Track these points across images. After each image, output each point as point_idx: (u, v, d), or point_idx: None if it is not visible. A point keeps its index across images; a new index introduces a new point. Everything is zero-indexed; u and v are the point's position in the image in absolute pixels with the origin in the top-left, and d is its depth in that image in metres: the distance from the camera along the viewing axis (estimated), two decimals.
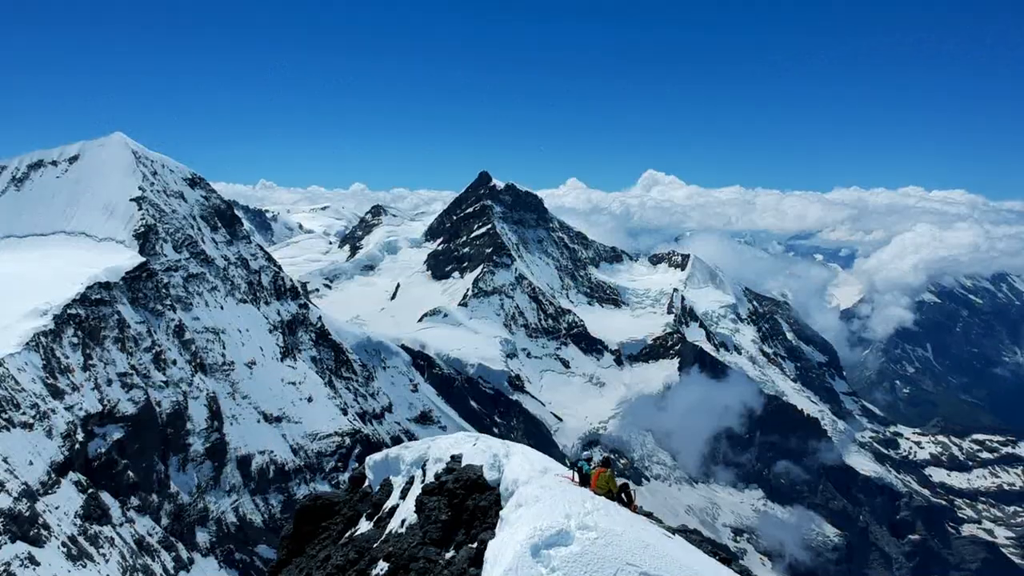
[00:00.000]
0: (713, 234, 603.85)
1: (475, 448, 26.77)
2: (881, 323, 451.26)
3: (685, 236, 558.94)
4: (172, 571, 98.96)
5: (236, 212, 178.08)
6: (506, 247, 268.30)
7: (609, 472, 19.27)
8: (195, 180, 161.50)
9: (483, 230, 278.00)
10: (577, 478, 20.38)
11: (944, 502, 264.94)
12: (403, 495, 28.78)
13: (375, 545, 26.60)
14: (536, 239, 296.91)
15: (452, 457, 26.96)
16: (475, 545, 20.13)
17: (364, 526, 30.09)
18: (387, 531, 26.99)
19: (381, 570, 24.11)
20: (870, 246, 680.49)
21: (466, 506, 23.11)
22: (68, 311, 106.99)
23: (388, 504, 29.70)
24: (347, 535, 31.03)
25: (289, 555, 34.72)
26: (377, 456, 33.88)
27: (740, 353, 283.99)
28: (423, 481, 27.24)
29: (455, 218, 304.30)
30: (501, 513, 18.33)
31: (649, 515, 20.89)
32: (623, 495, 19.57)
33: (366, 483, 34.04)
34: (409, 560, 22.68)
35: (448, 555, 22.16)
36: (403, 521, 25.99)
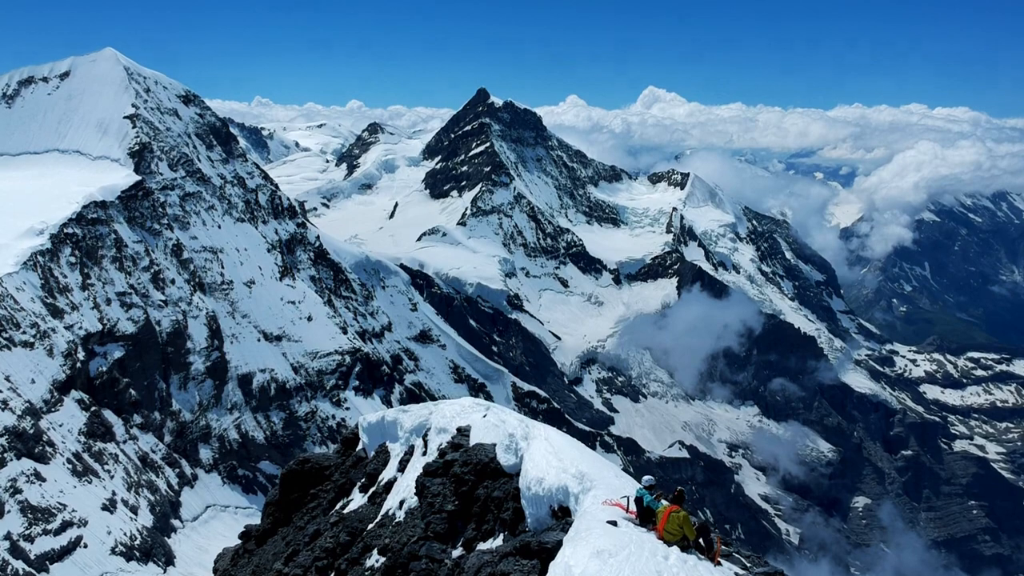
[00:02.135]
0: (714, 152, 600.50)
1: (485, 421, 23.54)
2: (880, 242, 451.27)
3: (685, 154, 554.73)
4: (176, 487, 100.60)
5: (231, 130, 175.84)
6: (504, 166, 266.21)
7: (684, 513, 14.52)
8: (189, 97, 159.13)
9: (481, 148, 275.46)
10: (634, 508, 15.58)
11: (937, 419, 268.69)
12: (401, 467, 26.30)
13: (369, 527, 24.37)
14: (535, 158, 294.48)
15: (458, 430, 23.96)
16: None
17: (357, 499, 27.81)
18: (383, 511, 24.61)
19: (376, 562, 21.86)
20: (871, 164, 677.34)
21: (476, 495, 20.17)
22: (65, 230, 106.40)
23: (384, 476, 27.20)
24: (338, 506, 28.89)
25: (275, 524, 32.50)
26: (372, 418, 31.21)
27: (739, 272, 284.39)
28: (424, 453, 24.94)
29: (453, 136, 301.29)
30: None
31: (728, 555, 16.31)
32: (700, 540, 14.92)
33: (359, 446, 31.54)
34: (409, 558, 20.00)
35: (455, 554, 19.48)
36: (402, 502, 23.54)
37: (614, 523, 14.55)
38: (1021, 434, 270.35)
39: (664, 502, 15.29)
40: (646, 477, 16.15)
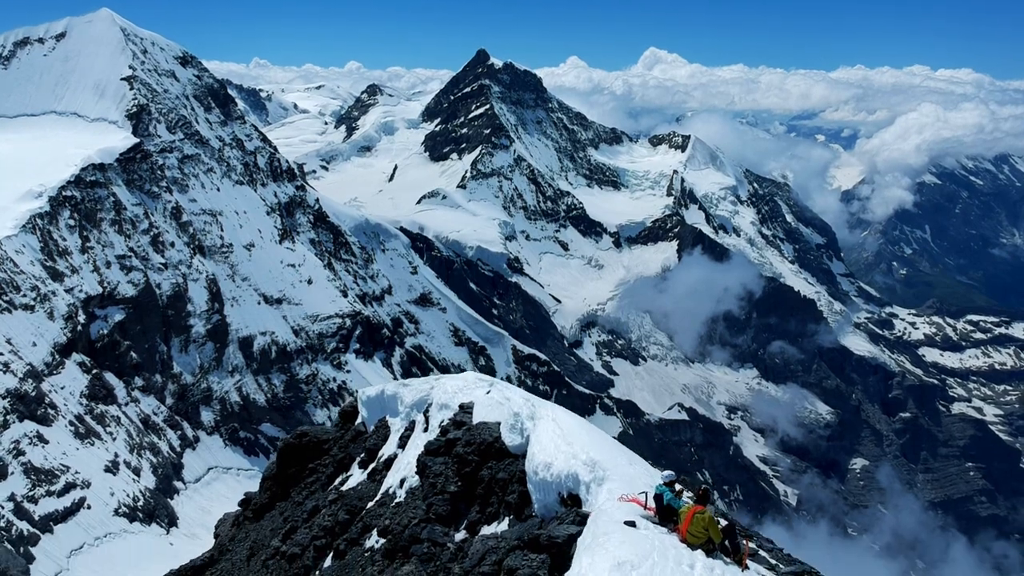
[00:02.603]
0: (715, 114, 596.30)
1: (489, 398, 22.60)
2: (881, 204, 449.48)
3: (686, 116, 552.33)
4: (178, 449, 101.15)
5: (230, 92, 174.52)
6: (504, 128, 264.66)
7: (709, 514, 13.45)
8: (187, 59, 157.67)
9: (481, 111, 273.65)
10: (653, 504, 14.52)
11: (936, 381, 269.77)
12: (402, 443, 25.59)
13: (369, 506, 23.76)
14: (535, 120, 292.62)
15: (461, 406, 23.09)
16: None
17: (356, 475, 27.19)
18: (383, 489, 23.95)
19: (376, 543, 21.32)
20: (873, 126, 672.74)
21: (480, 476, 19.44)
22: (63, 193, 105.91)
23: (384, 452, 26.52)
24: (337, 482, 28.36)
25: (272, 498, 31.99)
26: (371, 391, 30.40)
27: (739, 235, 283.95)
28: (425, 429, 24.21)
29: (452, 98, 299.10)
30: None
31: (755, 553, 15.30)
32: (726, 543, 13.83)
33: (359, 419, 30.88)
34: (410, 540, 19.44)
35: (458, 537, 18.82)
36: (402, 481, 22.91)
37: (632, 524, 13.61)
38: (1019, 396, 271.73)
39: (687, 500, 14.43)
40: (665, 472, 15.06)
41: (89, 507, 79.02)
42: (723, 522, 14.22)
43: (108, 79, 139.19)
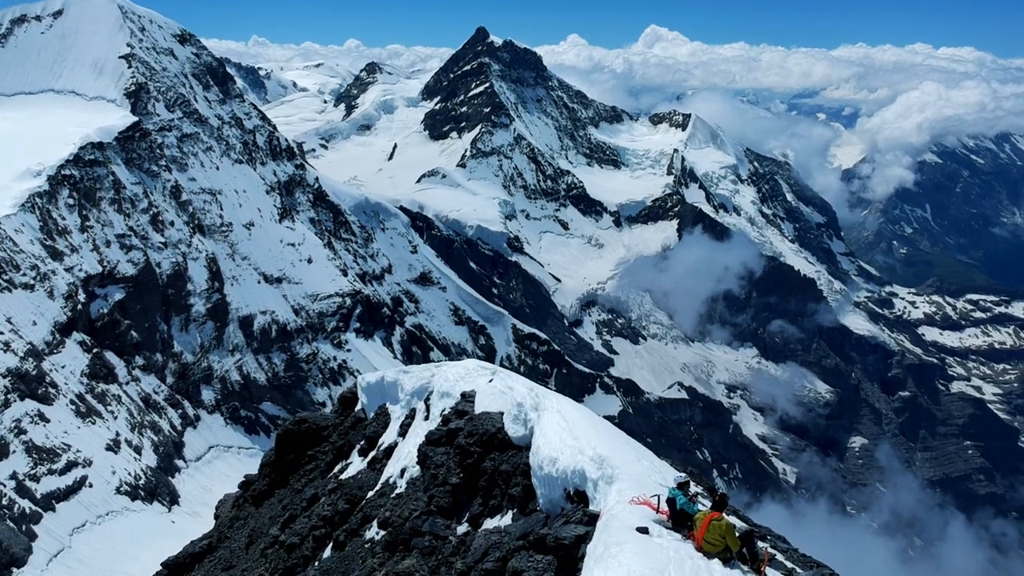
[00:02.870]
0: (716, 93, 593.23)
1: (491, 387, 22.16)
2: (881, 183, 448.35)
3: (687, 95, 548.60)
4: (179, 427, 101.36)
5: (228, 70, 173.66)
6: (504, 106, 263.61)
7: (726, 521, 12.76)
8: (185, 36, 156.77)
9: (481, 89, 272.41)
10: (666, 508, 13.74)
11: (935, 360, 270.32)
12: (402, 432, 25.29)
13: (369, 496, 23.43)
14: (535, 98, 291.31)
15: (463, 395, 22.77)
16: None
17: (356, 463, 26.87)
18: (383, 478, 23.67)
19: (376, 535, 21.03)
20: (874, 105, 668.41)
21: (483, 468, 19.07)
22: (62, 172, 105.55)
23: (384, 440, 26.20)
24: (336, 469, 28.02)
25: (271, 486, 31.68)
26: (371, 377, 30.13)
27: (739, 214, 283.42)
28: (426, 418, 23.93)
29: (452, 76, 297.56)
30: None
31: (772, 558, 14.56)
32: (744, 550, 13.14)
33: (358, 406, 30.64)
34: (411, 533, 19.09)
35: (460, 530, 18.49)
36: (403, 471, 22.62)
37: (645, 531, 12.95)
38: (1018, 375, 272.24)
39: (702, 506, 13.63)
40: (677, 475, 14.50)
41: (91, 485, 79.29)
42: (739, 524, 13.71)
43: (106, 57, 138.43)
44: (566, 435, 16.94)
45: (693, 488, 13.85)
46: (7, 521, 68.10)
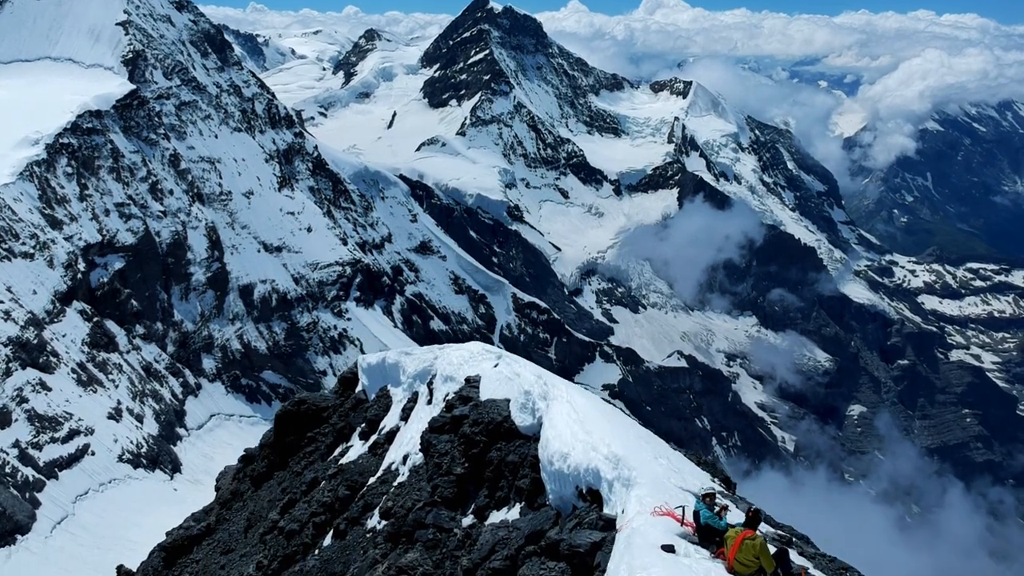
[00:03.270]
0: (717, 60, 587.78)
1: (497, 372, 21.45)
2: (883, 151, 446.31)
3: (688, 62, 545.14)
4: (180, 396, 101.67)
5: (226, 37, 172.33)
6: (504, 74, 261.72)
7: (760, 540, 11.86)
8: (182, 3, 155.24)
9: (480, 56, 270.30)
10: (692, 520, 12.88)
11: (934, 329, 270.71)
12: (404, 416, 24.70)
13: (370, 482, 22.90)
14: (535, 66, 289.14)
15: (467, 380, 22.03)
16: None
17: (357, 446, 26.39)
18: (385, 465, 23.08)
19: (378, 524, 20.52)
20: (876, 72, 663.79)
21: (489, 458, 18.44)
22: (60, 140, 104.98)
23: (386, 424, 25.63)
24: (337, 452, 27.58)
25: (270, 467, 31.19)
26: (372, 359, 29.51)
27: (740, 183, 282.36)
28: (429, 402, 23.31)
29: (451, 43, 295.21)
30: None
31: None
32: (779, 570, 12.19)
33: (359, 387, 30.02)
34: (415, 525, 18.48)
35: (466, 522, 17.84)
36: (405, 457, 22.03)
37: (671, 549, 12.13)
38: (1017, 344, 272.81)
39: (731, 521, 12.64)
40: (702, 486, 13.47)
41: (93, 453, 79.72)
42: (768, 530, 13.09)
43: (103, 24, 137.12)
44: (577, 428, 16.18)
45: (720, 501, 12.97)
46: (11, 489, 68.52)
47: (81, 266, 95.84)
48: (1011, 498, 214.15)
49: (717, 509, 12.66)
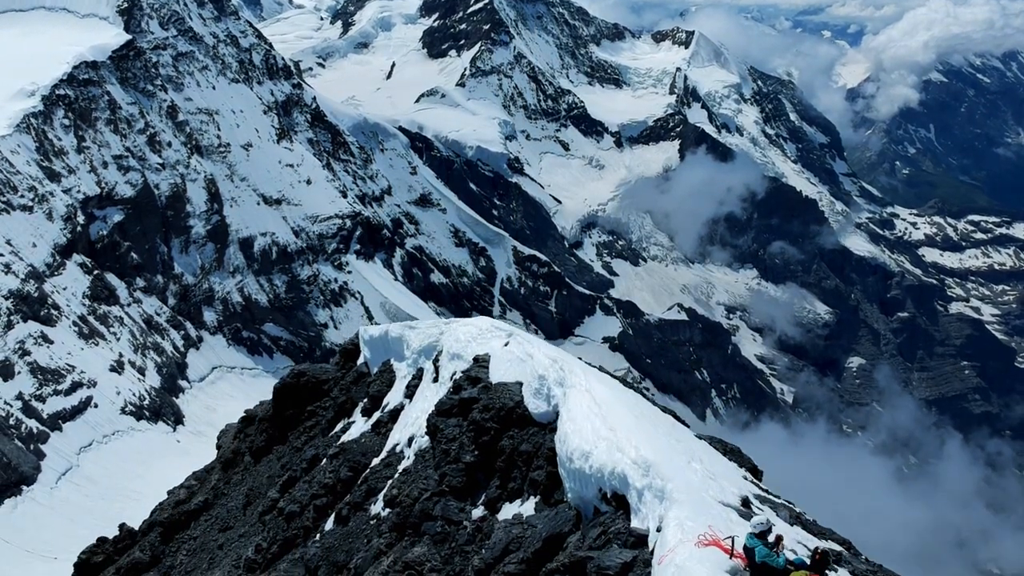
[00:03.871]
0: (720, 9, 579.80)
1: (507, 352, 20.16)
2: (886, 103, 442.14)
3: (690, 11, 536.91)
4: (182, 348, 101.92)
5: None
6: (504, 23, 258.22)
7: None
8: None
9: (480, 5, 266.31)
10: (741, 551, 11.28)
11: (935, 281, 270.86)
12: (409, 393, 23.63)
13: (374, 464, 22.00)
14: (535, 15, 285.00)
15: (475, 359, 20.88)
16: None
17: (359, 423, 25.34)
18: (389, 446, 22.17)
19: (382, 511, 19.64)
20: (880, 22, 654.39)
21: (500, 447, 17.38)
22: (56, 92, 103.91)
23: (390, 401, 24.57)
24: (338, 427, 26.55)
25: (269, 442, 30.15)
26: (374, 331, 28.24)
27: (742, 135, 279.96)
28: (435, 380, 22.29)
29: None
30: None
31: None
32: None
33: (360, 360, 28.81)
34: (422, 517, 17.51)
35: (476, 514, 16.88)
36: (411, 439, 21.07)
37: None
38: (1017, 296, 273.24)
39: (790, 558, 11.02)
40: (755, 520, 11.47)
41: (96, 406, 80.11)
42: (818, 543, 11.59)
43: None
44: (599, 423, 14.99)
45: (775, 530, 11.55)
46: (15, 440, 68.92)
47: (80, 219, 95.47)
48: (1008, 449, 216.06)
49: (774, 545, 11.12)
